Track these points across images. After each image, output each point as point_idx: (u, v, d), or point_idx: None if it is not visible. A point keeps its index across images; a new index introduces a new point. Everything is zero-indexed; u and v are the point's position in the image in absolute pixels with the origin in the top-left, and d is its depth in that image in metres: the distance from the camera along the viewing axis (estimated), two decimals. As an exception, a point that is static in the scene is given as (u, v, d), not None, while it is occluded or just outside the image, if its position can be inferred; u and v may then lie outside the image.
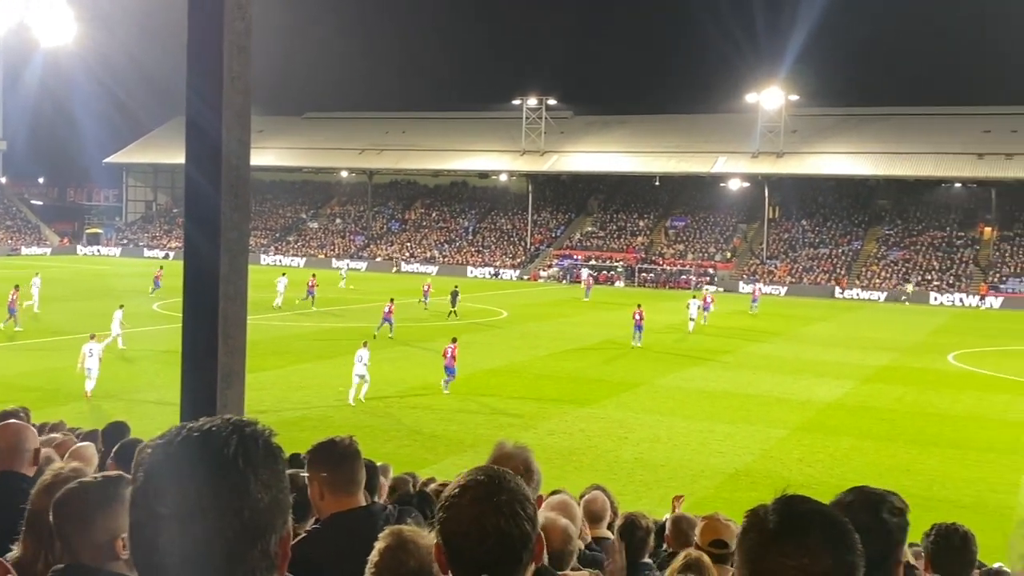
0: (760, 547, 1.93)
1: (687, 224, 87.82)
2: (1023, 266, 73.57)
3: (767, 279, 75.93)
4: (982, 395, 30.69)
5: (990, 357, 40.06)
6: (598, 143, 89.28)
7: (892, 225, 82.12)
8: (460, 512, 2.10)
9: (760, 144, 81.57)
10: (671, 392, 29.45)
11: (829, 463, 21.51)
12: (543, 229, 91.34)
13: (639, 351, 37.82)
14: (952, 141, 77.86)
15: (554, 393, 28.66)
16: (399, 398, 27.24)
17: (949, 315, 60.66)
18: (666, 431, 24.00)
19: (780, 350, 39.94)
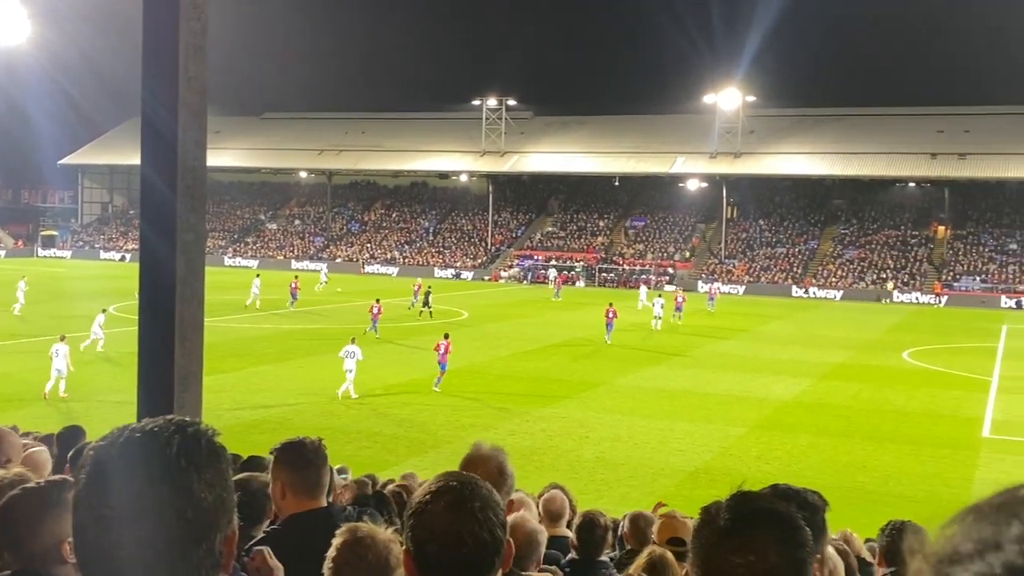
0: (710, 545, 1.95)
1: (646, 224, 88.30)
2: (976, 264, 74.80)
3: (725, 278, 76.58)
4: (935, 392, 31.15)
5: (943, 354, 40.67)
6: (558, 144, 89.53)
7: (848, 224, 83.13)
8: (433, 518, 2.09)
9: (718, 145, 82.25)
10: (631, 391, 29.58)
11: (787, 460, 21.72)
12: (504, 229, 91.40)
13: (600, 350, 37.96)
14: (906, 141, 79.00)
15: (515, 393, 28.68)
16: (359, 400, 27.12)
17: (905, 313, 61.51)
18: (626, 430, 24.11)
19: (738, 349, 40.27)
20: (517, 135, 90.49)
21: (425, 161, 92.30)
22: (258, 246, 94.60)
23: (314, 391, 28.06)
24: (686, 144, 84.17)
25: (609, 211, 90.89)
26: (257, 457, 6.43)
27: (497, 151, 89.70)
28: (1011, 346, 44.43)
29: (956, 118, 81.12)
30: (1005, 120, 78.86)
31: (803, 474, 20.37)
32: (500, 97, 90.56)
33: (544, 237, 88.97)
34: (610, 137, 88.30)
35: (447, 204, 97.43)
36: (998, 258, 75.16)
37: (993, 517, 0.74)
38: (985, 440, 24.57)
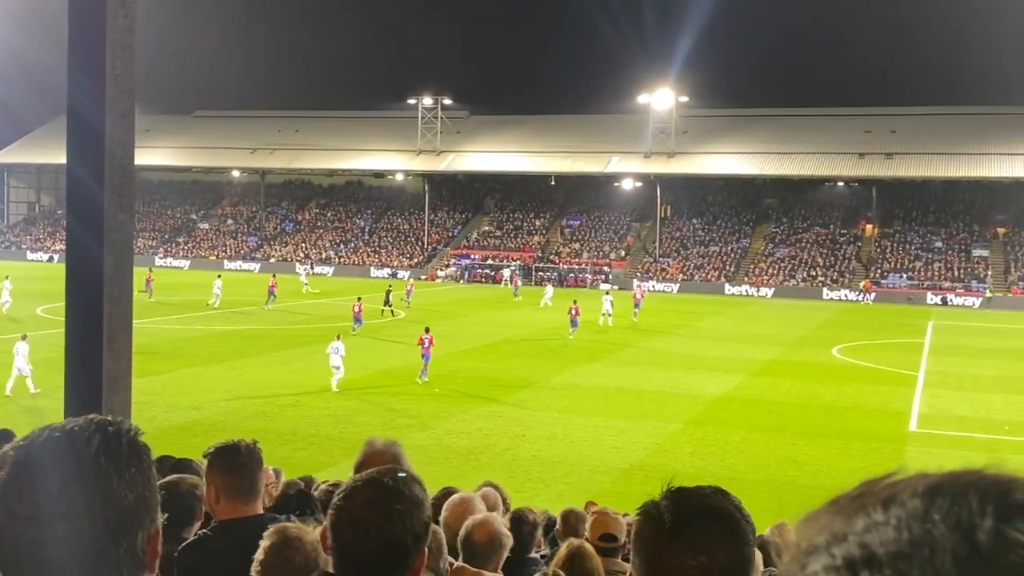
0: (657, 546, 1.94)
1: (582, 223, 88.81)
2: (902, 262, 76.57)
3: (660, 276, 77.31)
4: (864, 387, 31.82)
5: (871, 350, 41.56)
6: (494, 143, 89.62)
7: (779, 223, 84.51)
8: (352, 508, 2.12)
9: (652, 144, 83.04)
10: (567, 389, 29.74)
11: (720, 455, 22.03)
12: (440, 229, 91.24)
13: (537, 348, 38.09)
14: (835, 141, 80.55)
15: (452, 392, 28.67)
16: (293, 400, 26.88)
17: (834, 310, 62.70)
18: (563, 428, 24.24)
19: (673, 346, 40.71)
20: (453, 134, 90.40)
21: (360, 160, 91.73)
22: (190, 246, 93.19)
23: (248, 393, 27.74)
24: (621, 144, 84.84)
25: (545, 210, 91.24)
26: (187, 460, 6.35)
27: (433, 150, 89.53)
28: (937, 342, 45.56)
29: (883, 119, 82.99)
30: (930, 121, 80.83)
31: (736, 469, 20.70)
32: (436, 96, 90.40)
33: (481, 236, 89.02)
34: (546, 137, 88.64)
35: (383, 203, 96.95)
36: (924, 256, 77.01)
37: (848, 509, 0.76)
38: (912, 434, 25.17)
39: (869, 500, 0.75)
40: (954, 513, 0.70)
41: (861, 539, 0.73)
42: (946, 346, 43.77)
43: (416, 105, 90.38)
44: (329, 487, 5.45)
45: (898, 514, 0.72)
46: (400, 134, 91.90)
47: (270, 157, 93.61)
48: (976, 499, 0.70)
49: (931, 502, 0.71)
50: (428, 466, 18.34)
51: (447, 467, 19.21)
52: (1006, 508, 0.70)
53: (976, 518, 0.69)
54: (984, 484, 0.72)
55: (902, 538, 0.70)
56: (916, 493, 0.73)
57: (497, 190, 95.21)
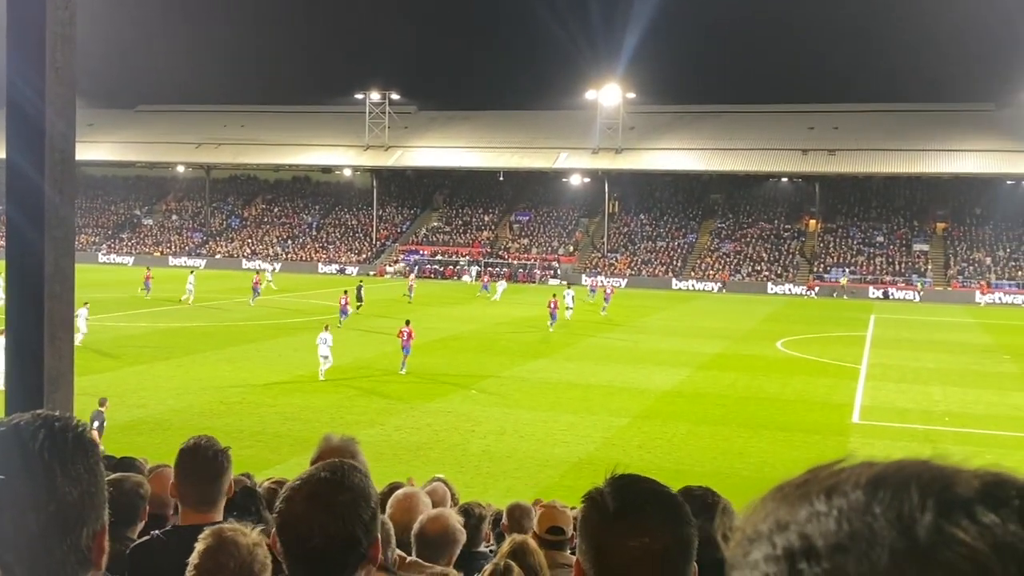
0: (602, 530, 1.97)
1: (531, 219, 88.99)
2: (845, 256, 77.78)
3: (608, 271, 77.71)
4: (808, 379, 32.29)
5: (815, 343, 42.18)
6: (443, 138, 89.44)
7: (724, 218, 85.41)
8: (295, 506, 2.11)
9: (600, 140, 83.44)
10: (517, 384, 29.80)
11: (667, 448, 22.22)
12: (388, 224, 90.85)
13: (486, 344, 38.11)
14: (779, 138, 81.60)
15: (401, 389, 28.59)
16: (240, 398, 26.62)
17: (778, 304, 63.51)
18: (512, 423, 24.28)
19: (621, 340, 40.97)
20: (401, 129, 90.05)
21: (307, 155, 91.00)
22: (134, 242, 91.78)
23: (194, 390, 27.42)
24: (569, 140, 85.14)
25: (494, 206, 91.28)
26: (130, 459, 6.27)
27: (381, 145, 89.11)
28: (878, 335, 46.37)
29: (826, 115, 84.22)
30: (872, 118, 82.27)
31: (683, 462, 20.90)
32: (383, 91, 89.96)
33: (430, 232, 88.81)
34: (494, 132, 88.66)
35: (330, 199, 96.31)
36: (866, 250, 78.33)
37: (792, 497, 0.74)
38: (854, 425, 25.59)
39: (814, 489, 0.73)
40: (895, 506, 0.69)
41: (802, 529, 0.71)
42: (888, 339, 44.57)
43: (364, 100, 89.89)
44: (272, 484, 5.41)
45: (840, 505, 0.71)
46: (348, 129, 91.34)
47: (215, 152, 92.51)
48: (918, 493, 0.69)
49: (873, 494, 0.70)
50: (378, 462, 18.23)
51: (397, 463, 19.15)
52: (948, 503, 0.68)
53: (916, 512, 0.68)
54: (927, 477, 0.70)
55: (842, 530, 0.69)
56: (859, 484, 0.71)
57: (446, 186, 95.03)
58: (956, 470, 0.70)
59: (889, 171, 78.15)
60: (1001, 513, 0.66)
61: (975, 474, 0.70)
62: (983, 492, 0.68)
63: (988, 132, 77.16)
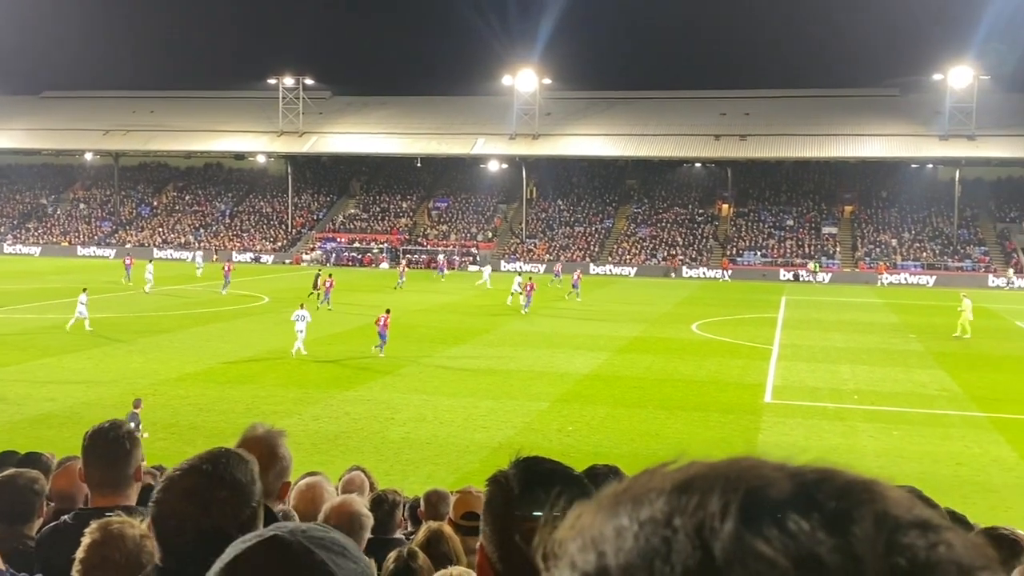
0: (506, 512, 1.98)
1: (449, 205, 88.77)
2: (756, 240, 79.30)
3: (527, 257, 77.95)
4: (722, 361, 32.88)
5: (728, 325, 42.96)
6: (358, 124, 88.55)
7: (640, 204, 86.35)
8: (169, 500, 2.06)
9: (517, 126, 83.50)
10: (436, 371, 29.75)
11: (586, 431, 22.43)
12: (304, 211, 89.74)
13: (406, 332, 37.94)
14: (692, 123, 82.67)
15: (318, 378, 28.31)
16: (153, 390, 26.08)
17: (694, 287, 64.49)
18: (432, 410, 24.25)
19: (540, 326, 41.17)
20: (316, 115, 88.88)
21: (219, 142, 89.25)
22: (41, 232, 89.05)
23: (104, 382, 26.77)
24: (486, 126, 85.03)
25: (412, 192, 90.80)
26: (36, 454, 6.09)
27: (295, 131, 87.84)
28: (789, 316, 47.41)
29: (737, 101, 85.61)
30: (782, 103, 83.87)
31: (601, 444, 21.12)
32: (297, 76, 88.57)
33: (347, 219, 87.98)
34: (411, 118, 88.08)
35: (244, 186, 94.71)
36: (777, 233, 79.97)
37: (607, 507, 0.64)
38: (767, 405, 26.16)
39: (626, 498, 0.63)
40: (697, 516, 0.59)
41: (601, 547, 0.62)
42: (798, 320, 45.60)
43: (277, 85, 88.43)
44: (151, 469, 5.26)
45: (643, 517, 0.62)
46: (261, 115, 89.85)
47: (124, 139, 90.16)
48: (721, 498, 0.59)
49: (677, 502, 0.60)
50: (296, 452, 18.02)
51: (315, 453, 18.97)
52: (754, 508, 0.58)
53: (717, 522, 0.58)
54: (736, 479, 0.60)
55: (637, 548, 0.60)
56: (664, 491, 0.61)
57: (363, 172, 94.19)
58: (776, 468, 0.61)
59: (798, 156, 79.82)
60: (813, 519, 0.57)
61: (795, 472, 0.60)
62: (797, 494, 0.59)
63: (894, 117, 79.35)
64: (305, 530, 1.57)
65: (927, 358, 34.53)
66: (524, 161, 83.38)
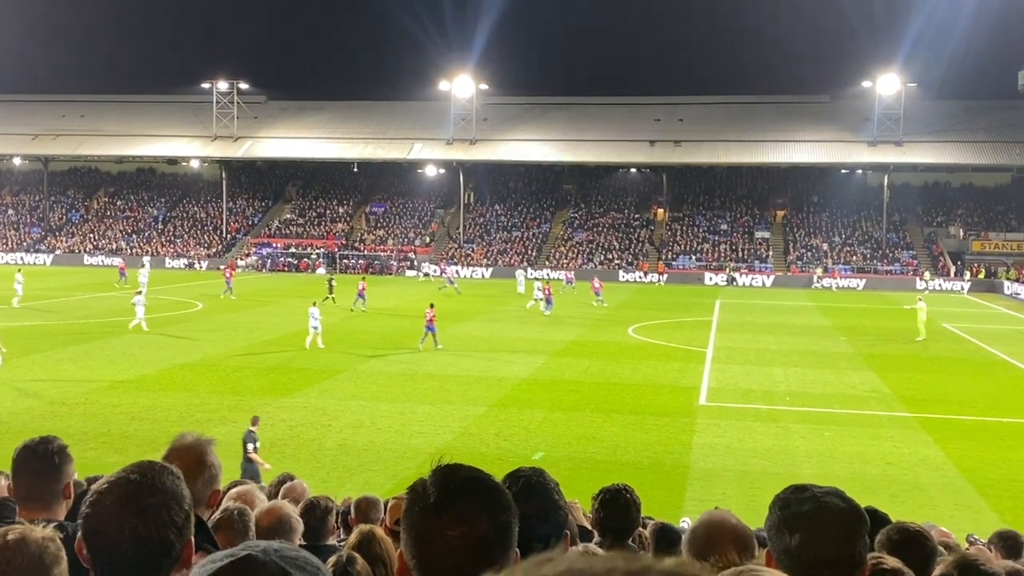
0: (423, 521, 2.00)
1: (386, 210, 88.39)
2: (691, 244, 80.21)
3: (465, 262, 77.91)
4: (658, 364, 33.19)
5: (664, 329, 43.39)
6: (294, 129, 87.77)
7: (577, 208, 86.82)
8: (102, 511, 2.05)
9: (454, 131, 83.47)
10: (373, 377, 29.60)
11: (524, 436, 22.48)
12: (239, 217, 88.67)
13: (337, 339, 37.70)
14: (627, 129, 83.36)
15: (254, 385, 27.99)
16: (84, 398, 25.55)
17: (629, 291, 65.01)
18: (369, 416, 24.12)
19: (478, 330, 41.19)
20: (250, 120, 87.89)
21: (152, 146, 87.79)
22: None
23: (33, 391, 26.17)
24: (423, 131, 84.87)
25: (349, 197, 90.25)
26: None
27: (229, 136, 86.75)
28: (723, 319, 48.03)
29: (672, 107, 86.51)
30: (715, 109, 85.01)
31: (539, 448, 21.19)
32: (231, 80, 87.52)
33: (282, 224, 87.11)
34: (348, 123, 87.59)
35: (177, 191, 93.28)
36: (711, 238, 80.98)
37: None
38: (701, 407, 26.45)
39: None
40: None
41: None
42: (731, 323, 46.22)
43: (211, 90, 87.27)
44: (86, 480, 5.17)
45: None
46: (194, 119, 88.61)
47: (53, 143, 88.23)
48: None
49: None
50: (231, 461, 17.86)
51: (250, 460, 18.74)
52: None
53: None
54: None
55: None
56: None
57: (298, 177, 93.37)
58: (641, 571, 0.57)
59: (731, 161, 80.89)
60: None
61: None
62: None
63: (824, 123, 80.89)
64: (278, 549, 1.58)
65: (857, 360, 35.22)
66: (461, 166, 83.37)
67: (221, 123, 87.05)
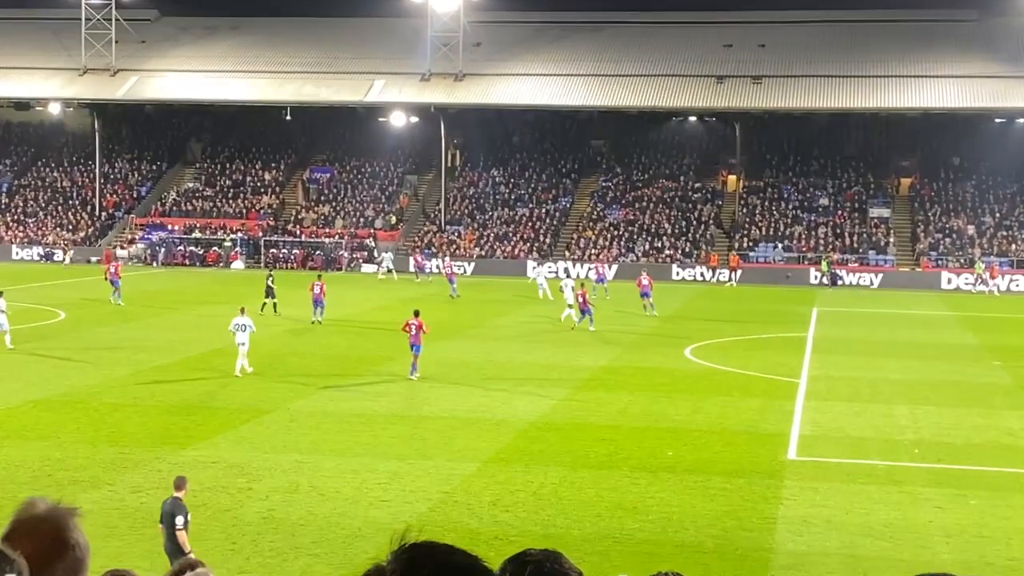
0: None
1: (333, 176, 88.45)
2: (777, 227, 79.83)
3: (447, 250, 77.58)
4: (727, 400, 33.08)
5: (736, 349, 43.30)
6: (198, 59, 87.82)
7: (610, 174, 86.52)
8: None
9: (432, 62, 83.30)
10: (314, 418, 29.55)
11: (532, 505, 22.41)
12: (120, 186, 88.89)
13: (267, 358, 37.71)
14: (685, 60, 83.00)
15: (141, 430, 27.96)
16: None
17: (687, 294, 64.80)
18: (308, 476, 24.08)
19: (467, 351, 41.14)
20: (136, 45, 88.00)
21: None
22: None
23: None
24: (387, 61, 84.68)
25: (278, 158, 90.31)
26: None
27: (105, 69, 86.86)
28: (822, 336, 47.90)
29: (749, 28, 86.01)
30: (811, 31, 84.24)
31: (554, 523, 21.14)
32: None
33: (182, 197, 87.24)
34: (277, 50, 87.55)
35: (29, 149, 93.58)
36: (805, 217, 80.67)
37: None
38: (791, 463, 26.33)
39: None
40: None
41: None
42: (836, 341, 46.07)
43: (79, 3, 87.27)
44: None
45: None
46: (56, 45, 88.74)
47: None
48: None
49: None
50: (107, 540, 17.86)
51: (137, 540, 18.74)
52: None
53: None
54: None
55: None
56: None
57: (205, 129, 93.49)
58: None
59: (835, 106, 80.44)
60: None
61: None
62: None
63: (969, 52, 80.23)
64: None
65: (1019, 395, 35.14)
66: (443, 113, 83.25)
67: (93, 50, 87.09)
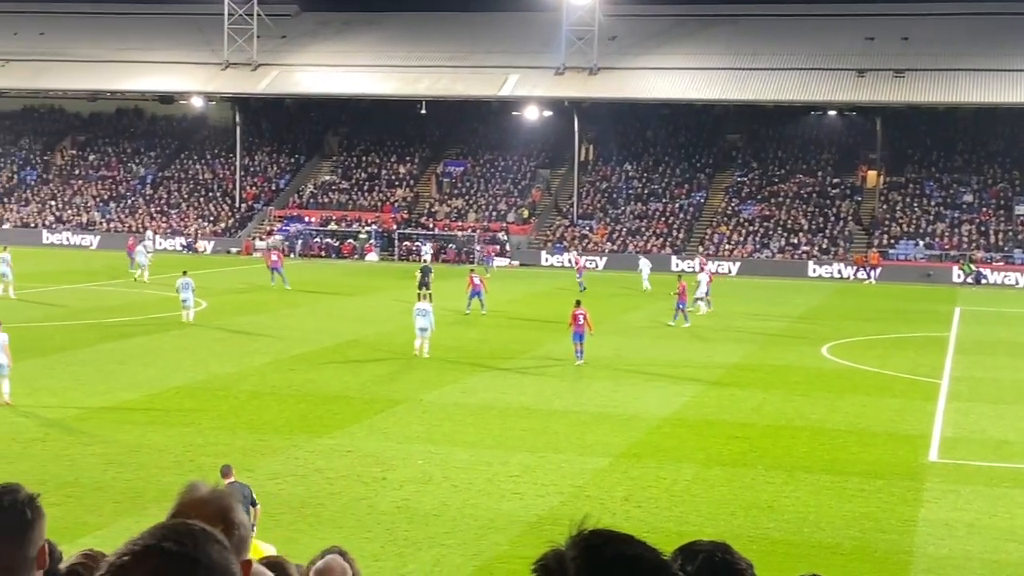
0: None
1: (467, 170, 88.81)
2: (919, 224, 78.53)
3: (579, 245, 77.60)
4: (866, 400, 32.67)
5: (876, 348, 42.66)
6: (337, 53, 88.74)
7: (746, 169, 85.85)
8: None
9: (566, 57, 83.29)
10: (447, 410, 29.76)
11: (665, 501, 22.36)
12: (259, 179, 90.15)
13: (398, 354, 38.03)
14: (824, 53, 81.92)
15: (278, 418, 28.41)
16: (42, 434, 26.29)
17: (825, 292, 64.08)
18: (440, 467, 24.26)
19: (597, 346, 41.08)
20: (276, 41, 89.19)
21: (138, 78, 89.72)
22: None
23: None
24: (521, 55, 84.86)
25: (413, 152, 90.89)
26: None
27: (247, 64, 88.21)
28: (965, 335, 46.98)
29: (891, 20, 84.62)
30: (956, 23, 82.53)
31: (688, 519, 21.06)
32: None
33: (319, 190, 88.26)
34: (413, 45, 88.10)
35: (173, 141, 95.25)
36: (948, 214, 79.24)
37: None
38: (932, 466, 25.93)
39: None
40: None
41: None
42: (979, 342, 45.19)
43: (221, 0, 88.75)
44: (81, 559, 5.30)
45: None
46: (198, 40, 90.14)
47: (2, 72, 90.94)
48: None
49: None
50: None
51: (274, 527, 19.02)
52: None
53: None
54: None
55: None
56: None
57: (342, 122, 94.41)
58: None
59: (981, 100, 78.99)
60: None
61: None
62: None
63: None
64: None
65: None
66: (576, 107, 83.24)
67: (235, 45, 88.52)
